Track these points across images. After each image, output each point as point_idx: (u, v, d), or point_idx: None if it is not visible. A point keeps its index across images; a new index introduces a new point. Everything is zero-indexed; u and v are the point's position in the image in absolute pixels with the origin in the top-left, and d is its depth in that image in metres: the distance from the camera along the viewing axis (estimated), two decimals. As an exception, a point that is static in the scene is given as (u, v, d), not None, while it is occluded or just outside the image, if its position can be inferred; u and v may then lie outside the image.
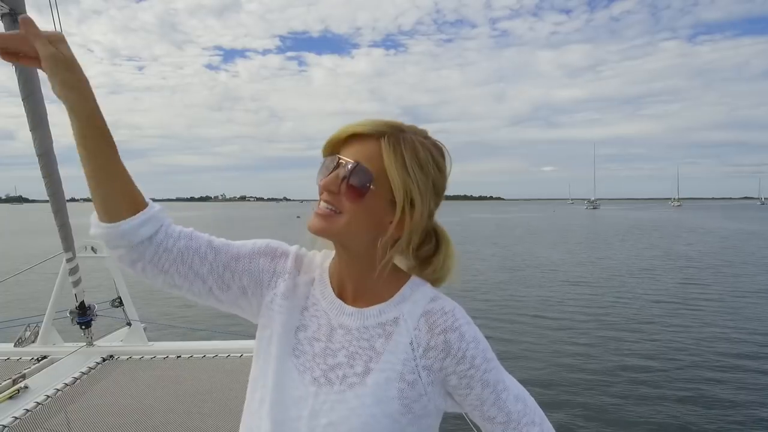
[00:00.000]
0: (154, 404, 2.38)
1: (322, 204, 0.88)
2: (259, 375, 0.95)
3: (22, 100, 2.20)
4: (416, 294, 0.92)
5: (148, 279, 0.90)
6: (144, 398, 2.44)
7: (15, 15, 2.01)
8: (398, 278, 0.94)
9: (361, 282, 0.93)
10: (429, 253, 0.95)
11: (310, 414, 0.86)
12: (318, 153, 0.93)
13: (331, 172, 0.87)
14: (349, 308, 0.92)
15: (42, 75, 2.35)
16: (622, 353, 8.09)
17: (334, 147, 0.90)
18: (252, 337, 1.00)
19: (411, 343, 0.88)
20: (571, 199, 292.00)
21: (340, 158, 0.87)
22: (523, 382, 0.92)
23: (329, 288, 0.96)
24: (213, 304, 0.96)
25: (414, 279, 0.95)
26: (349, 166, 0.85)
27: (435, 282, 0.96)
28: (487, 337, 0.91)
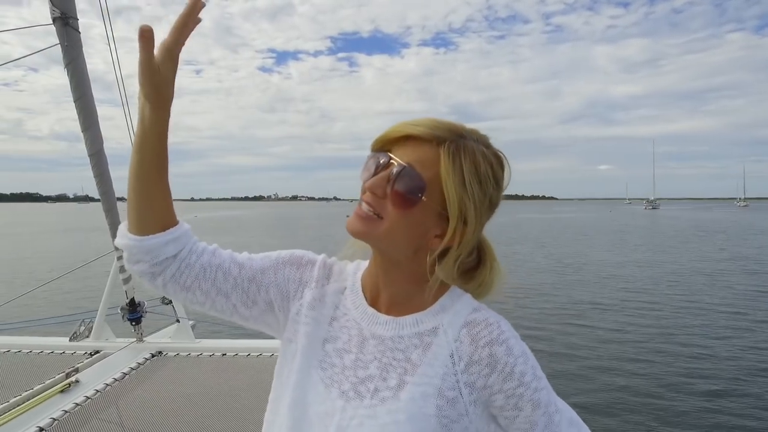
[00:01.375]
0: (201, 401, 2.40)
1: (364, 206, 0.80)
2: (282, 394, 0.89)
3: (74, 101, 2.27)
4: (457, 304, 0.85)
5: (170, 295, 0.88)
6: (191, 394, 2.47)
7: (66, 19, 2.06)
8: (438, 287, 0.86)
9: (398, 290, 0.86)
10: (470, 266, 0.87)
11: (337, 431, 0.80)
12: (367, 152, 0.84)
13: (379, 171, 0.79)
14: (383, 317, 0.86)
15: (92, 76, 2.37)
16: (689, 372, 7.38)
17: (386, 144, 0.81)
18: None
19: (451, 356, 0.81)
20: (629, 199, 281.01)
21: (391, 158, 0.79)
22: (574, 401, 0.82)
23: (361, 297, 0.89)
24: (238, 321, 0.92)
25: (455, 289, 0.88)
26: (401, 170, 0.77)
27: (476, 297, 0.89)
28: (535, 350, 0.83)
